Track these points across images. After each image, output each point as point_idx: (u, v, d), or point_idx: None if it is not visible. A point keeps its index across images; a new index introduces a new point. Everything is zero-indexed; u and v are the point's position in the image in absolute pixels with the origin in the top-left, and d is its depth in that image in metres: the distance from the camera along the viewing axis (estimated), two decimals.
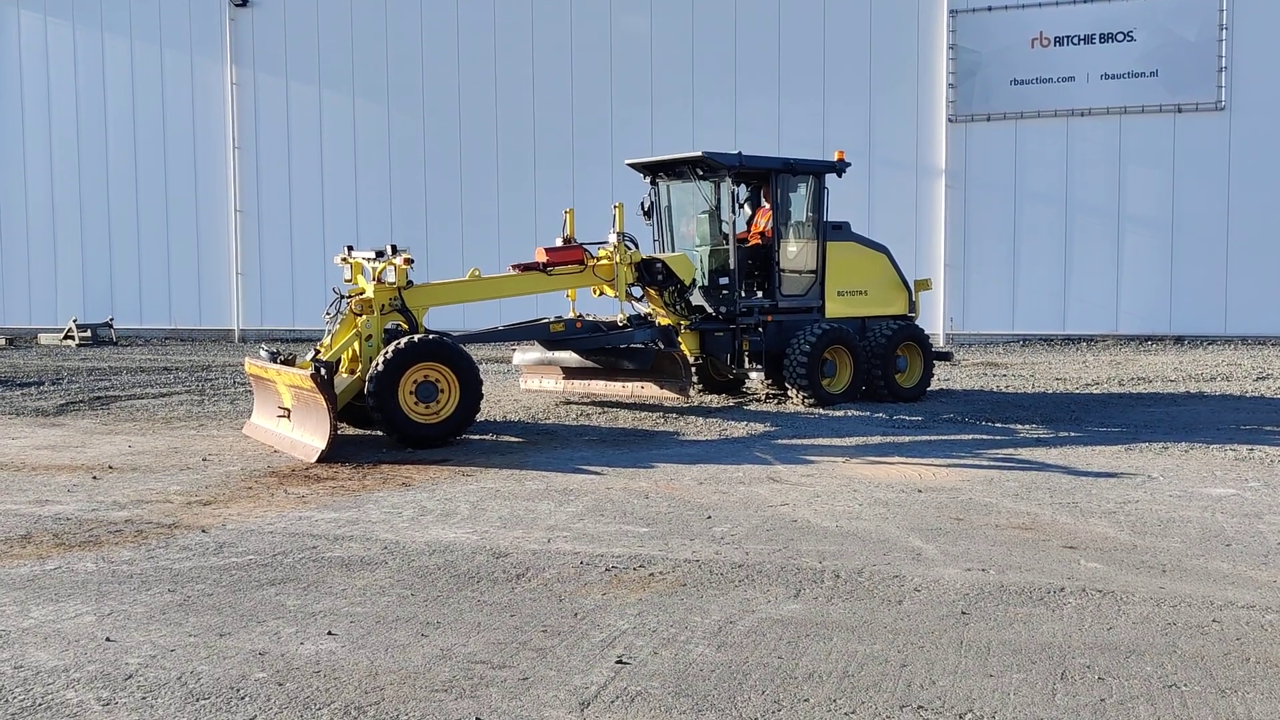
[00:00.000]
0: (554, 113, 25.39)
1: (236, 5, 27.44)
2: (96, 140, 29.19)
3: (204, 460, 9.11)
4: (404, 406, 9.55)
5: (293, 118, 27.44)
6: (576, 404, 12.54)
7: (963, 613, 4.81)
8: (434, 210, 26.42)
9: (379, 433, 10.17)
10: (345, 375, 10.13)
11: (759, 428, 10.69)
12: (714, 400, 12.94)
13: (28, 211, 29.97)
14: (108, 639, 4.55)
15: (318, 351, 10.10)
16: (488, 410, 12.07)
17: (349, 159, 27.11)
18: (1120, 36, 22.00)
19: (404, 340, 9.68)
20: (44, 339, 26.58)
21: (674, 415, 11.52)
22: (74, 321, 26.20)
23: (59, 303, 29.49)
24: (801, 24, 23.72)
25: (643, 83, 24.76)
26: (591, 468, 8.57)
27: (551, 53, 25.35)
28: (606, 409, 12.05)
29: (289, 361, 10.07)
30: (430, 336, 9.91)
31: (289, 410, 9.66)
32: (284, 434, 9.71)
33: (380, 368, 9.44)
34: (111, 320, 27.32)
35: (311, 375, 8.96)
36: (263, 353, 10.44)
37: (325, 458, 8.86)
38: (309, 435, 9.25)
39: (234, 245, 28.00)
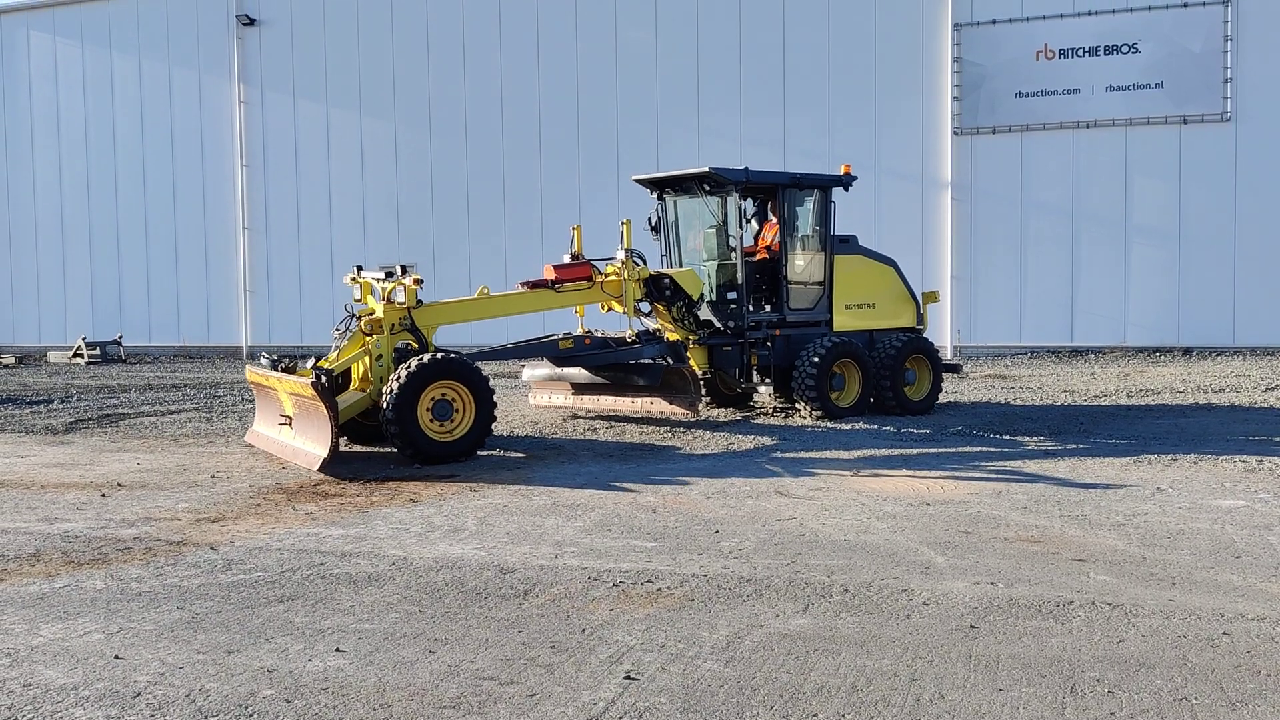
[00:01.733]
0: (560, 129, 25.47)
1: (244, 24, 27.62)
2: (105, 159, 29.36)
3: (212, 477, 9.13)
4: (421, 424, 9.55)
5: (300, 136, 27.57)
6: (584, 419, 12.54)
7: (972, 626, 4.79)
8: (440, 227, 26.50)
9: (384, 449, 10.18)
10: (356, 392, 10.16)
11: (766, 441, 10.68)
12: (722, 414, 12.93)
13: (37, 230, 30.13)
14: (116, 657, 4.55)
15: (319, 360, 10.08)
16: (496, 426, 12.08)
17: (356, 176, 27.22)
18: (1125, 48, 22.03)
19: (426, 358, 9.67)
20: (53, 357, 26.69)
21: (681, 429, 11.51)
22: (83, 339, 26.31)
23: (68, 321, 29.62)
24: (806, 37, 23.79)
25: (648, 97, 24.83)
26: (599, 482, 8.56)
27: (556, 69, 25.45)
28: (614, 424, 12.05)
29: (290, 369, 10.06)
30: (450, 355, 9.91)
31: (290, 418, 9.67)
32: (286, 442, 9.71)
33: (399, 386, 9.40)
34: (120, 338, 27.43)
35: (312, 383, 8.95)
36: (264, 360, 10.43)
37: (327, 465, 8.87)
38: (311, 443, 9.24)
39: (242, 263, 28.11)
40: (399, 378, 9.46)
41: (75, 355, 25.90)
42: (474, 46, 26.04)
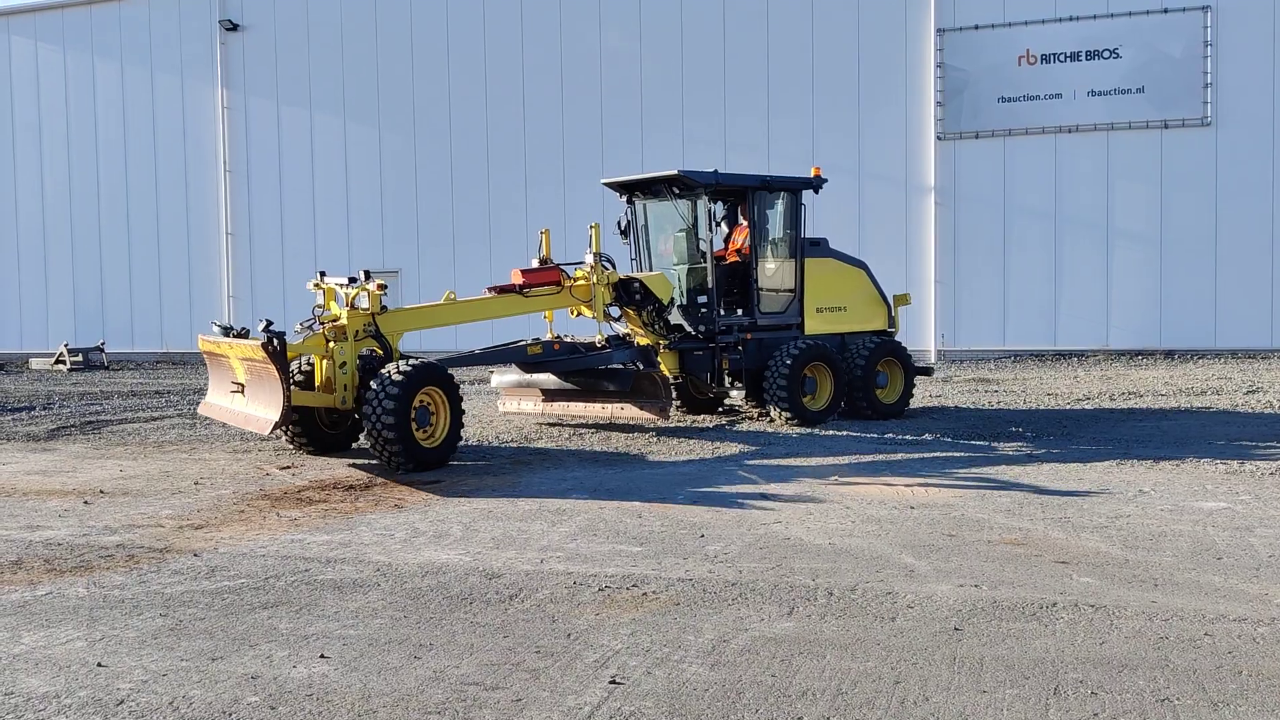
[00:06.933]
0: (544, 134, 25.48)
1: (227, 29, 27.53)
2: (88, 164, 29.22)
3: (195, 484, 9.08)
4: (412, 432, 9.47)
5: (284, 140, 27.49)
6: (569, 425, 12.53)
7: (955, 629, 4.81)
8: (425, 231, 26.46)
9: (363, 460, 10.15)
10: (319, 393, 10.08)
11: (750, 447, 10.69)
12: (703, 420, 12.94)
13: (19, 235, 29.96)
14: (99, 664, 4.53)
15: (270, 323, 9.76)
16: (480, 432, 12.07)
17: (340, 181, 27.15)
18: (1106, 54, 22.17)
19: (421, 363, 9.57)
20: (35, 364, 26.52)
21: (666, 436, 11.52)
22: (65, 346, 26.15)
23: (50, 327, 29.45)
24: (789, 43, 23.86)
25: (632, 102, 24.86)
26: (584, 488, 8.56)
27: (541, 74, 25.46)
28: (599, 430, 12.05)
29: (243, 335, 9.92)
30: (428, 362, 9.83)
31: (243, 385, 9.55)
32: (238, 409, 9.57)
33: (397, 393, 9.22)
34: (103, 344, 27.28)
35: (263, 345, 8.83)
36: (215, 328, 10.26)
37: (278, 428, 8.83)
38: (263, 408, 9.10)
39: (225, 268, 28.01)
40: (392, 380, 9.31)
41: (57, 362, 25.74)
42: (458, 51, 26.03)
